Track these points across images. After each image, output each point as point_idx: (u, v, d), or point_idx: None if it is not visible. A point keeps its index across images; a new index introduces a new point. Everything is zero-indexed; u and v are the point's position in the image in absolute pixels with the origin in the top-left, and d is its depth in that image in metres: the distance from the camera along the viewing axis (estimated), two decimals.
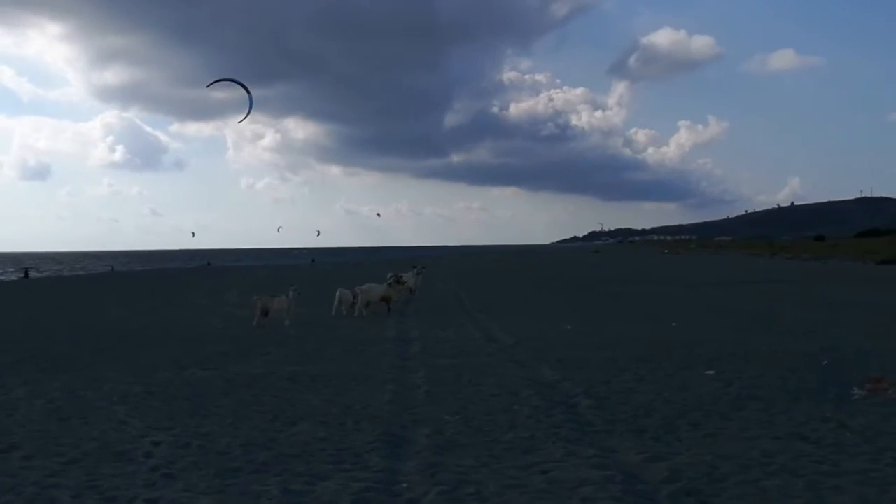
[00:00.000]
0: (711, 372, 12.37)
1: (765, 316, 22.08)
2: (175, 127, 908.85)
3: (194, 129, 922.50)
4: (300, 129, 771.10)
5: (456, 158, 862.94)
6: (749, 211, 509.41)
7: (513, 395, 10.97)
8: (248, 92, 21.83)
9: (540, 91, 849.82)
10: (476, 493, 6.73)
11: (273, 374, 13.38)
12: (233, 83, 22.22)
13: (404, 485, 7.01)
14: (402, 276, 24.48)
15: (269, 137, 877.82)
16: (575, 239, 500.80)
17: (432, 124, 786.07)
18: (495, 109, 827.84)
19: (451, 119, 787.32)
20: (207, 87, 22.40)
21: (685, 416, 9.39)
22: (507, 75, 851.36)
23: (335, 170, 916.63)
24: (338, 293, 23.95)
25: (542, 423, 9.24)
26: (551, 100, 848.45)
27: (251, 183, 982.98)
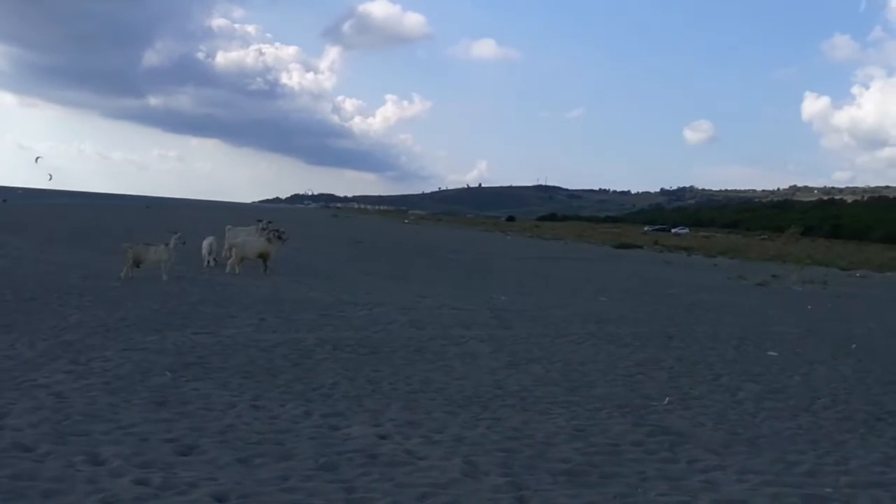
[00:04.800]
0: (775, 353, 12.39)
1: (663, 293, 23.12)
2: None
3: None
4: None
5: (153, 101, 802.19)
6: (442, 188, 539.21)
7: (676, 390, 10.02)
8: None
9: (250, 43, 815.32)
10: None
11: (301, 341, 11.10)
12: None
13: None
14: (282, 231, 21.62)
15: None
16: (277, 200, 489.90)
17: (129, 61, 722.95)
18: (201, 55, 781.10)
19: (150, 58, 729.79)
20: None
21: None
22: (217, 21, 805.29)
23: (9, 98, 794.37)
24: (205, 242, 21.28)
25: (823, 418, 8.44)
26: (262, 54, 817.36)
27: None
